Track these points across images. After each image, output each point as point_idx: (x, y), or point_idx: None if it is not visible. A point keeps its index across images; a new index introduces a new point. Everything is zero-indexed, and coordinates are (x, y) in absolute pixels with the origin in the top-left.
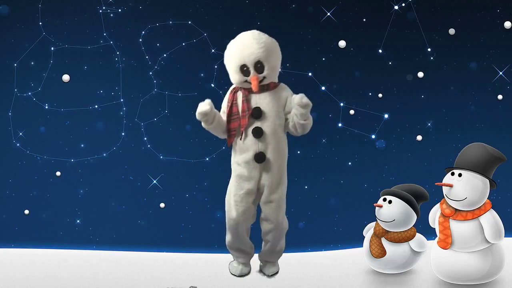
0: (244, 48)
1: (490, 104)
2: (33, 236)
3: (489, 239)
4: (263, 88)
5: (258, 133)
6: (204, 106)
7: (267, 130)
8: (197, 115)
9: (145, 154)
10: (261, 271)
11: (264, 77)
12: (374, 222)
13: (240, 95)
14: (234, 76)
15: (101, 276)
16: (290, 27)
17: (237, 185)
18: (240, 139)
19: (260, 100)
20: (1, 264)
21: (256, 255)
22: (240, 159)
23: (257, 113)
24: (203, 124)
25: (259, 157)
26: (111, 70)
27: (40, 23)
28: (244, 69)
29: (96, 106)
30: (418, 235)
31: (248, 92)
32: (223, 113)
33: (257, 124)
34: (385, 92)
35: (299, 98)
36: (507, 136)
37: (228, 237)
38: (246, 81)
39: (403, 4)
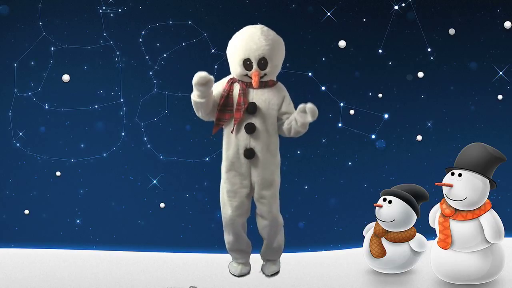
0: (252, 42)
1: (490, 104)
2: (33, 236)
3: (489, 239)
4: (262, 84)
5: (251, 129)
6: (206, 74)
7: (260, 127)
8: (199, 79)
9: (145, 154)
10: (261, 270)
11: (265, 74)
12: (374, 222)
13: (236, 87)
14: (236, 68)
15: (101, 276)
16: (290, 27)
17: (229, 181)
18: (232, 132)
19: (257, 96)
20: (1, 264)
21: (255, 254)
22: (230, 153)
23: (252, 109)
24: (197, 94)
25: (249, 153)
26: (111, 70)
27: (40, 23)
28: (247, 63)
29: (96, 106)
30: (418, 235)
31: (246, 86)
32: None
33: (251, 119)
34: (385, 92)
35: (312, 109)
36: (507, 136)
37: (226, 237)
38: (246, 75)
39: (403, 4)
